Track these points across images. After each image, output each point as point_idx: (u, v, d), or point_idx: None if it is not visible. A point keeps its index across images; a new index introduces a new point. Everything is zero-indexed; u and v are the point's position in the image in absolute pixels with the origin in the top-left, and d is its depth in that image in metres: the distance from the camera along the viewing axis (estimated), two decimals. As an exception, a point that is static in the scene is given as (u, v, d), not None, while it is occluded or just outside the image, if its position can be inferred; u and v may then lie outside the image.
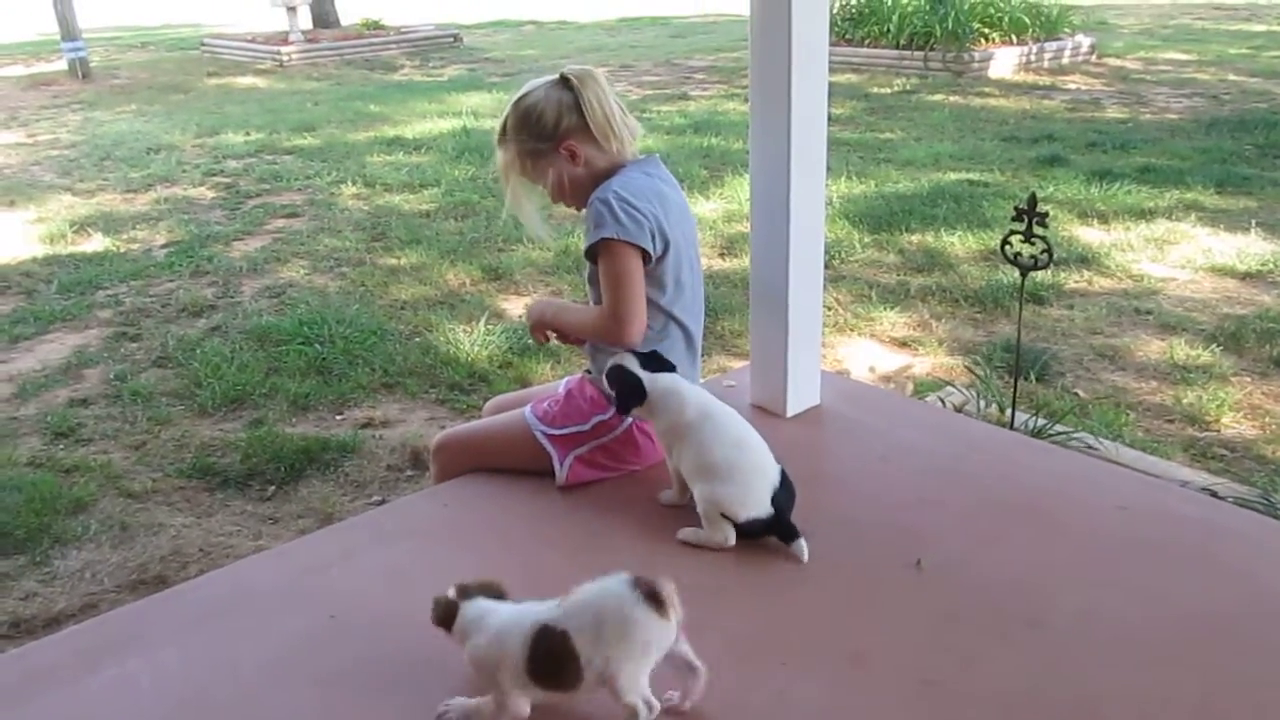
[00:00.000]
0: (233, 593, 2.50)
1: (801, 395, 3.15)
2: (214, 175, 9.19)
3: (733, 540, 2.47)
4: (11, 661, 2.36)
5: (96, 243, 7.29)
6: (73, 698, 2.13)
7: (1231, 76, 12.72)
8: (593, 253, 2.67)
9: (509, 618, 1.92)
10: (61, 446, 4.43)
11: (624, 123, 2.77)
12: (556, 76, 2.74)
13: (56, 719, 2.08)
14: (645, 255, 2.63)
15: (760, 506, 2.45)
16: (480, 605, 1.94)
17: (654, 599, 1.79)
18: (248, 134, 10.77)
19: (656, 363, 2.59)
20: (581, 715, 1.92)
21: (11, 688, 2.18)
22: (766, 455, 2.51)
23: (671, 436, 2.56)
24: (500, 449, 2.91)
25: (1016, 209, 3.48)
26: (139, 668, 2.21)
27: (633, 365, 2.56)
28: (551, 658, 1.83)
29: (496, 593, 1.98)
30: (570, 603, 1.86)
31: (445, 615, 1.95)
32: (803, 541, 2.45)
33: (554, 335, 2.91)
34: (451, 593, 1.97)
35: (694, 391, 2.58)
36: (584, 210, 2.74)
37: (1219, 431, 4.35)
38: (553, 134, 2.71)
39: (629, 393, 2.55)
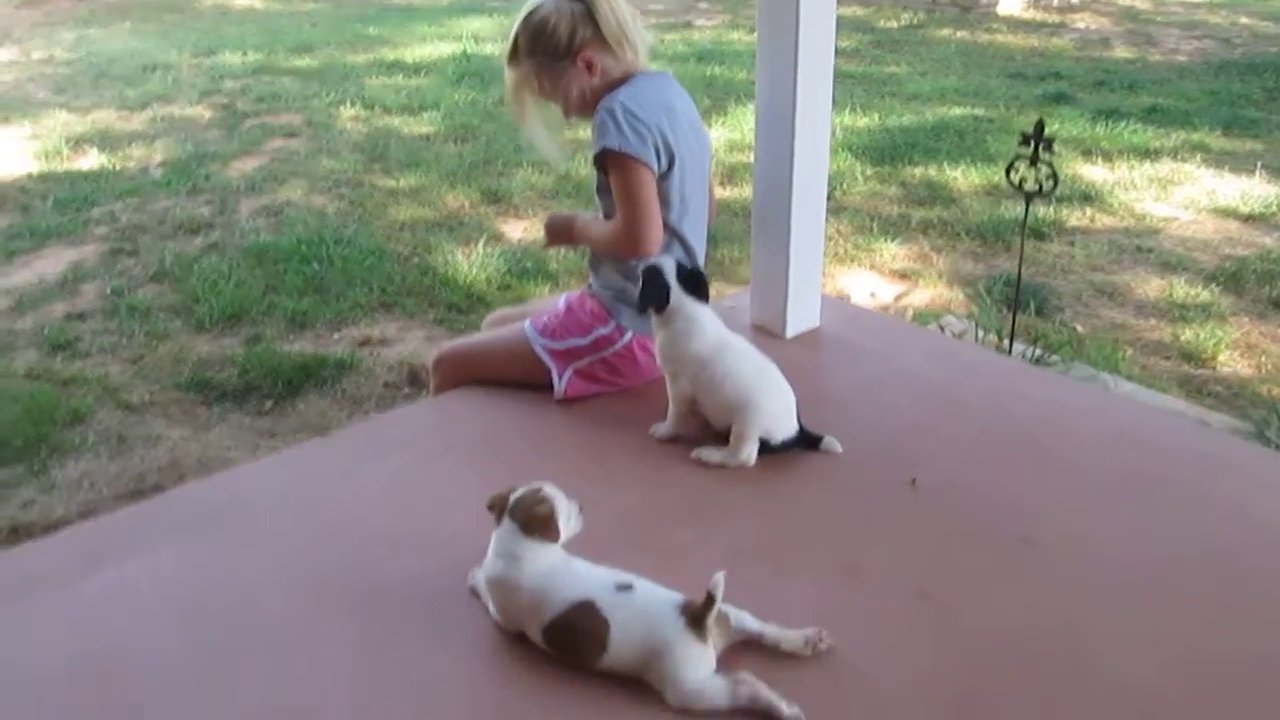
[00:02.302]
0: (231, 499, 2.51)
1: (801, 317, 3.15)
2: (211, 95, 9.07)
3: (754, 459, 2.50)
4: (10, 561, 2.37)
5: (92, 160, 7.21)
6: (72, 598, 2.15)
7: (1243, 20, 12.57)
8: (601, 163, 2.65)
9: (559, 569, 1.91)
10: (59, 359, 4.42)
11: (636, 30, 2.73)
12: None
13: (55, 619, 2.10)
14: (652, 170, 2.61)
15: (792, 426, 2.52)
16: (525, 544, 1.92)
17: (696, 625, 1.80)
18: (245, 54, 10.61)
19: (693, 281, 2.56)
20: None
21: (10, 588, 2.19)
22: (783, 378, 2.54)
23: (679, 363, 2.55)
24: (499, 362, 2.91)
25: (1024, 135, 3.45)
26: (138, 570, 2.22)
27: (669, 272, 2.54)
28: (579, 634, 1.85)
29: (545, 530, 1.93)
30: (625, 598, 1.86)
31: (496, 512, 1.96)
32: (830, 438, 2.55)
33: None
34: (513, 497, 1.95)
35: (712, 323, 2.56)
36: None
37: (1215, 369, 4.36)
38: (568, 48, 2.67)
39: (653, 295, 2.53)
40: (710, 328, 2.54)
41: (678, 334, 2.53)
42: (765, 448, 2.51)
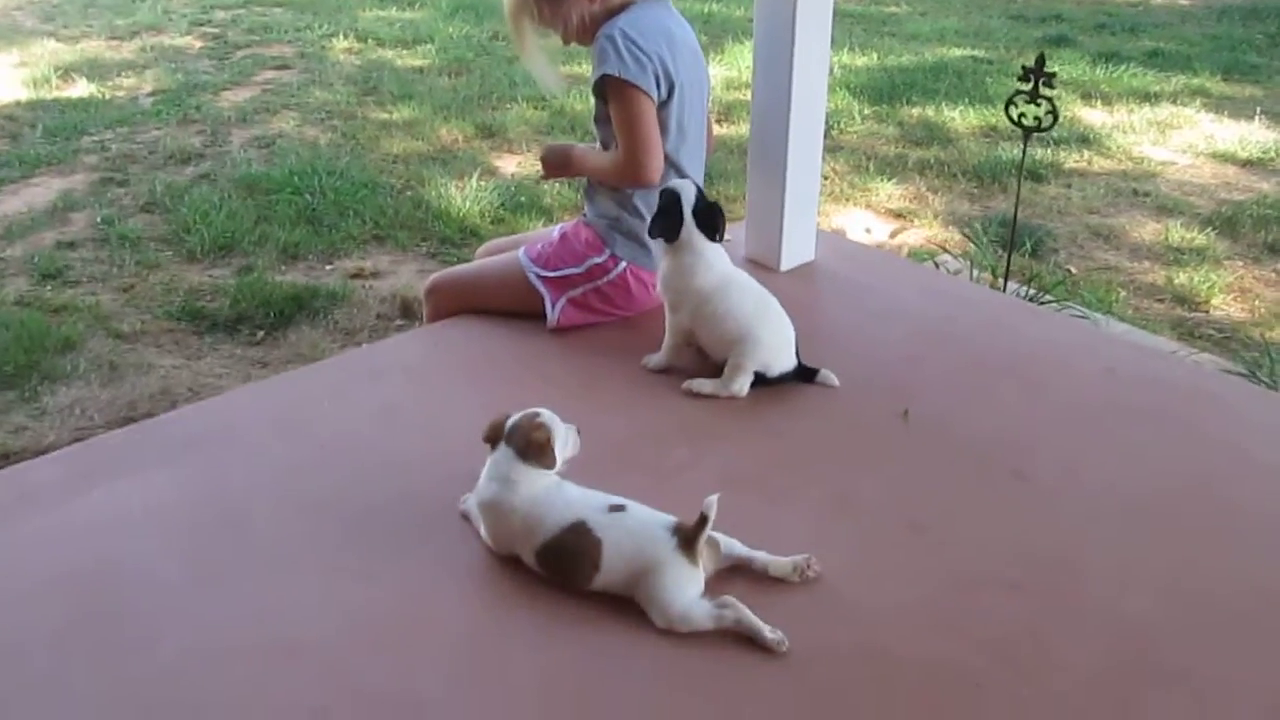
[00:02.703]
0: (223, 422, 2.51)
1: (796, 250, 3.14)
2: (201, 25, 8.95)
3: (745, 391, 2.50)
4: (3, 481, 2.37)
5: (81, 89, 7.12)
6: (64, 517, 2.15)
7: (1246, -36, 12.42)
8: (600, 91, 2.63)
9: (550, 493, 1.93)
10: (49, 287, 4.39)
11: None
12: None
13: (49, 537, 2.10)
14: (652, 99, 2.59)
15: (790, 360, 2.53)
16: (520, 469, 1.93)
17: (688, 547, 1.81)
18: (236, -16, 10.46)
19: (708, 215, 2.53)
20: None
21: (4, 507, 2.19)
22: (783, 312, 2.55)
23: (681, 295, 2.54)
24: (493, 290, 2.90)
25: (1024, 68, 3.42)
26: (128, 490, 2.23)
27: (687, 201, 2.51)
28: (572, 555, 1.86)
29: (540, 457, 1.94)
30: (618, 518, 1.87)
31: (491, 439, 1.97)
32: (826, 371, 2.56)
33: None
34: (509, 423, 1.96)
35: (718, 259, 2.54)
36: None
37: (1208, 312, 4.36)
38: None
39: (666, 225, 2.51)
40: (716, 264, 2.53)
41: (684, 268, 2.52)
42: (761, 380, 2.51)
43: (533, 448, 1.93)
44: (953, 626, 1.86)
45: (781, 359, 2.52)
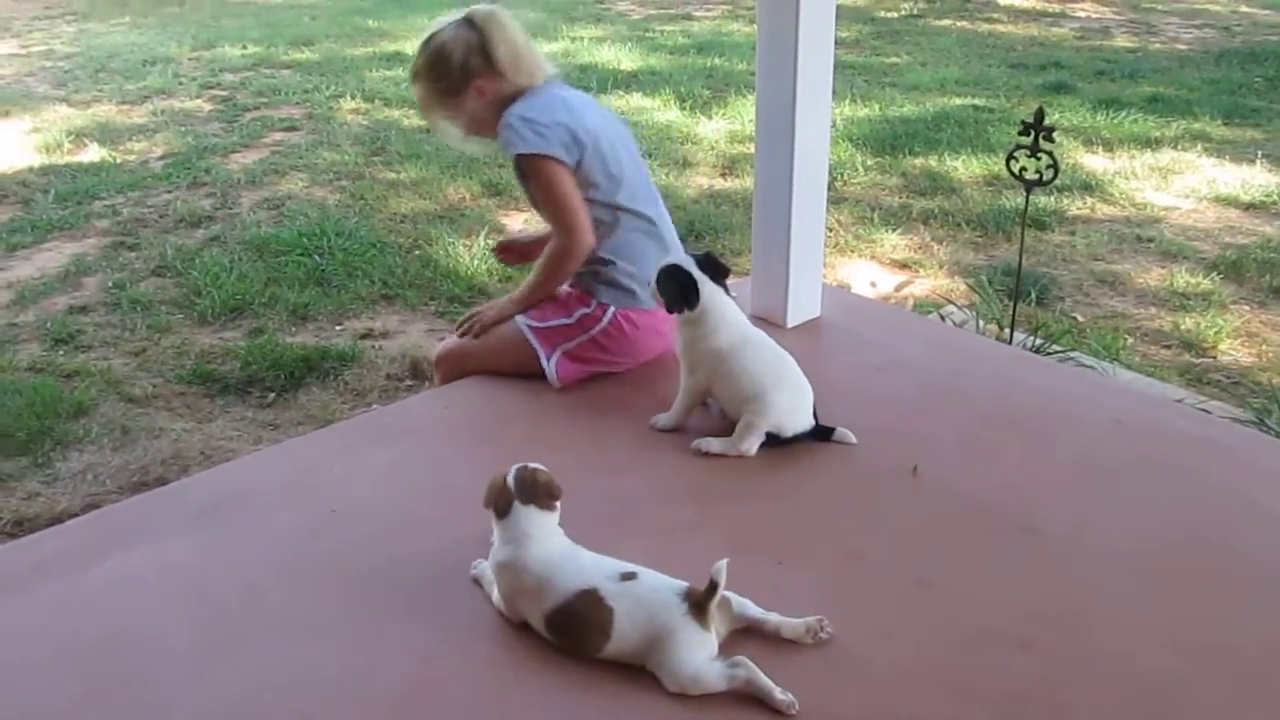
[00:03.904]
0: (236, 488, 2.52)
1: (802, 306, 3.16)
2: (211, 88, 9.07)
3: (755, 450, 2.51)
4: (18, 551, 2.39)
5: (93, 153, 7.21)
6: (78, 586, 2.17)
7: (1244, 8, 12.54)
8: (522, 176, 2.80)
9: (565, 557, 1.93)
10: (61, 352, 4.43)
11: (530, 55, 2.86)
12: (462, 17, 2.83)
13: (62, 607, 2.11)
14: (566, 165, 2.73)
15: (806, 420, 2.53)
16: (537, 521, 1.95)
17: (699, 612, 1.82)
18: (244, 47, 10.60)
19: (713, 268, 2.56)
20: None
21: (19, 577, 2.21)
22: (801, 373, 2.56)
23: (699, 358, 2.55)
24: (494, 352, 2.95)
25: (1024, 123, 3.45)
26: (143, 559, 2.24)
27: (688, 265, 2.54)
28: (582, 622, 1.86)
29: (551, 495, 1.98)
30: (629, 586, 1.87)
31: (504, 507, 1.97)
32: (843, 429, 2.57)
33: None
34: (510, 480, 1.98)
35: (736, 317, 2.57)
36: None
37: (1215, 358, 4.36)
38: (461, 75, 2.79)
39: (682, 295, 2.51)
40: (735, 322, 2.55)
41: (706, 330, 2.53)
42: (776, 440, 2.51)
43: (541, 489, 1.96)
44: (963, 685, 1.85)
45: (796, 420, 2.52)
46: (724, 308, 2.53)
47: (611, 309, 2.83)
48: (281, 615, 2.06)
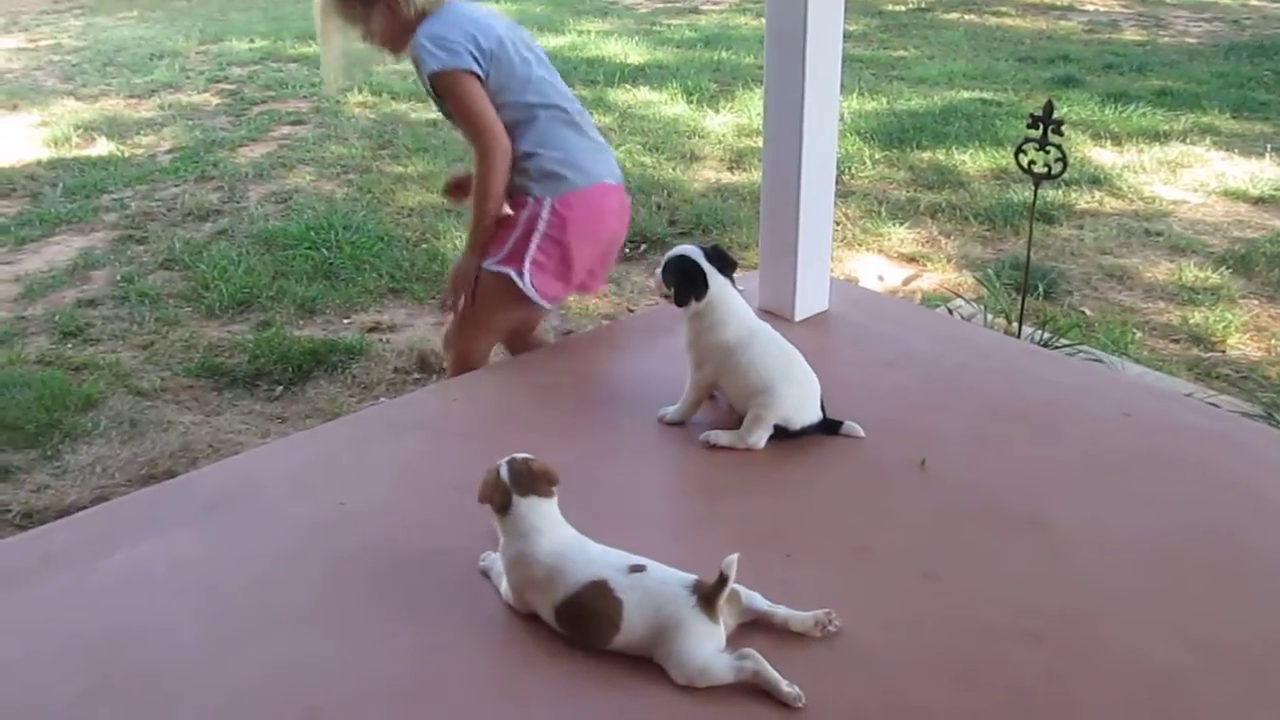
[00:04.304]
0: (244, 481, 2.52)
1: (810, 300, 3.15)
2: (218, 82, 9.08)
3: (763, 444, 2.50)
4: (27, 543, 2.39)
5: (101, 147, 7.22)
6: (86, 579, 2.17)
7: (1253, 1, 12.49)
8: (437, 93, 2.92)
9: (574, 549, 1.93)
10: (70, 345, 4.44)
11: None
12: None
13: (71, 600, 2.12)
14: (477, 76, 2.85)
15: (814, 413, 2.53)
16: (540, 513, 1.94)
17: (708, 605, 1.82)
18: (251, 41, 10.62)
19: (720, 260, 2.57)
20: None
21: (28, 569, 2.21)
22: (808, 366, 2.55)
23: (706, 352, 2.55)
24: (484, 309, 3.05)
25: (1032, 116, 3.44)
26: (152, 552, 2.25)
27: (699, 257, 2.54)
28: (591, 614, 1.86)
29: (549, 481, 1.97)
30: (638, 578, 1.87)
31: (503, 503, 1.95)
32: (851, 423, 2.56)
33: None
34: (505, 474, 1.96)
35: (743, 311, 2.56)
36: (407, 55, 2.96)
37: (1224, 352, 4.35)
38: None
39: (691, 287, 2.52)
40: (743, 316, 2.55)
41: (713, 324, 2.53)
42: (784, 433, 2.51)
43: (539, 477, 1.96)
44: (972, 678, 1.85)
45: (804, 413, 2.52)
46: (731, 301, 2.53)
47: (548, 199, 2.93)
48: (289, 608, 2.06)
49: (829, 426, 2.55)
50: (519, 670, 1.90)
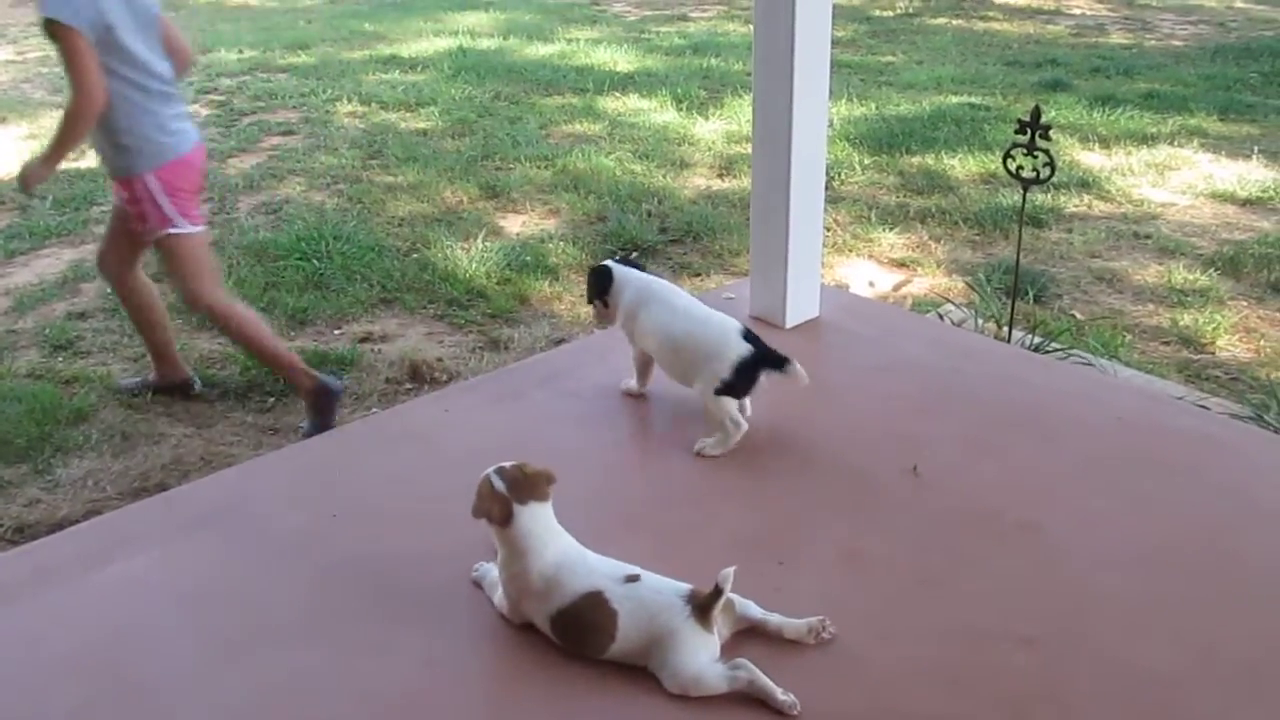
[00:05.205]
0: (237, 493, 2.52)
1: (801, 307, 3.16)
2: (207, 93, 9.06)
3: (742, 423, 2.50)
4: (21, 558, 2.38)
5: (90, 159, 7.17)
6: (80, 593, 2.16)
7: (1238, 4, 12.57)
8: (51, 36, 3.26)
9: (574, 559, 1.92)
10: (60, 358, 4.43)
11: None
12: None
13: (66, 614, 2.11)
14: (84, 33, 3.24)
15: (738, 348, 2.47)
16: (542, 520, 1.93)
17: (702, 615, 1.82)
18: (240, 52, 10.61)
19: (629, 264, 2.76)
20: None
21: (21, 584, 2.20)
22: (714, 314, 2.58)
23: (627, 322, 2.66)
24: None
25: (1020, 121, 3.46)
26: (145, 565, 2.24)
27: (611, 264, 2.72)
28: (587, 624, 1.86)
29: (547, 481, 1.96)
30: (633, 588, 1.87)
31: (504, 514, 1.92)
32: (795, 365, 2.46)
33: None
34: (500, 485, 1.93)
35: (638, 280, 2.67)
36: None
37: (1214, 354, 4.37)
38: None
39: (595, 279, 2.70)
40: (633, 280, 2.65)
41: (617, 299, 2.66)
42: (733, 388, 2.47)
43: (538, 480, 1.94)
44: (966, 684, 1.85)
45: (727, 353, 2.46)
46: (625, 275, 2.67)
47: (142, 175, 3.54)
48: (283, 621, 2.06)
49: (773, 361, 2.47)
50: (512, 682, 1.90)
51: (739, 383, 2.47)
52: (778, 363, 2.46)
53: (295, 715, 1.84)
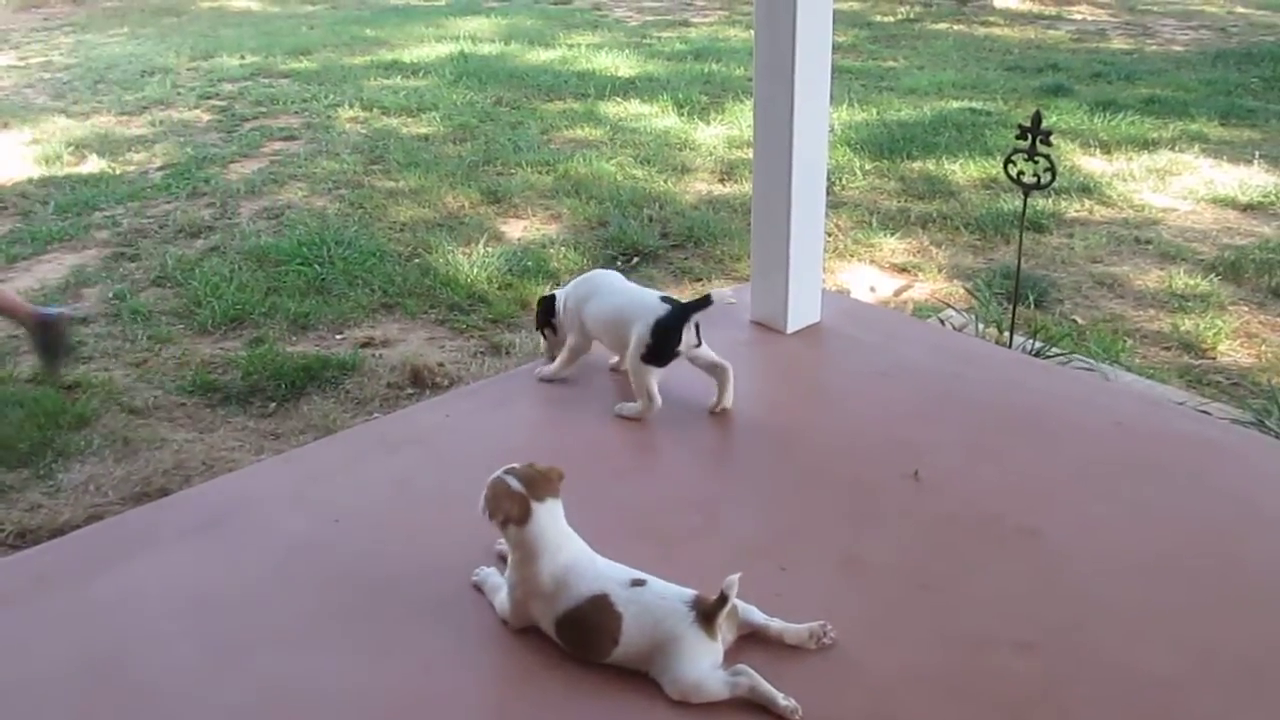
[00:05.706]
0: (238, 498, 2.52)
1: (802, 312, 3.16)
2: (209, 98, 9.09)
3: (657, 399, 2.60)
4: (22, 563, 2.39)
5: (92, 164, 7.22)
6: (81, 598, 2.16)
7: (1239, 9, 12.58)
8: None
9: (583, 562, 1.93)
10: (62, 364, 4.43)
11: None
12: None
13: (68, 619, 2.11)
14: None
15: (656, 309, 2.57)
16: (557, 517, 1.94)
17: (706, 620, 1.82)
18: (242, 57, 10.63)
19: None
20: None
21: (23, 588, 2.20)
22: (647, 289, 2.71)
23: (574, 324, 2.77)
24: None
25: (1021, 127, 3.46)
26: (146, 570, 2.24)
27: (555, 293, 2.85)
28: (591, 627, 1.87)
29: (558, 476, 1.97)
30: (638, 593, 1.87)
31: (523, 513, 1.92)
32: (721, 293, 2.60)
33: None
34: (516, 484, 1.93)
35: (572, 286, 2.82)
36: None
37: (1215, 359, 4.37)
38: None
39: (541, 310, 2.86)
40: (574, 291, 2.78)
41: (569, 310, 2.77)
42: (656, 353, 2.56)
43: (551, 476, 1.96)
44: (967, 689, 1.85)
45: (644, 323, 2.56)
46: (566, 291, 2.81)
47: None
48: (285, 626, 2.06)
49: (693, 308, 2.55)
50: (513, 686, 1.90)
51: (661, 345, 2.55)
52: (699, 305, 2.55)
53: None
